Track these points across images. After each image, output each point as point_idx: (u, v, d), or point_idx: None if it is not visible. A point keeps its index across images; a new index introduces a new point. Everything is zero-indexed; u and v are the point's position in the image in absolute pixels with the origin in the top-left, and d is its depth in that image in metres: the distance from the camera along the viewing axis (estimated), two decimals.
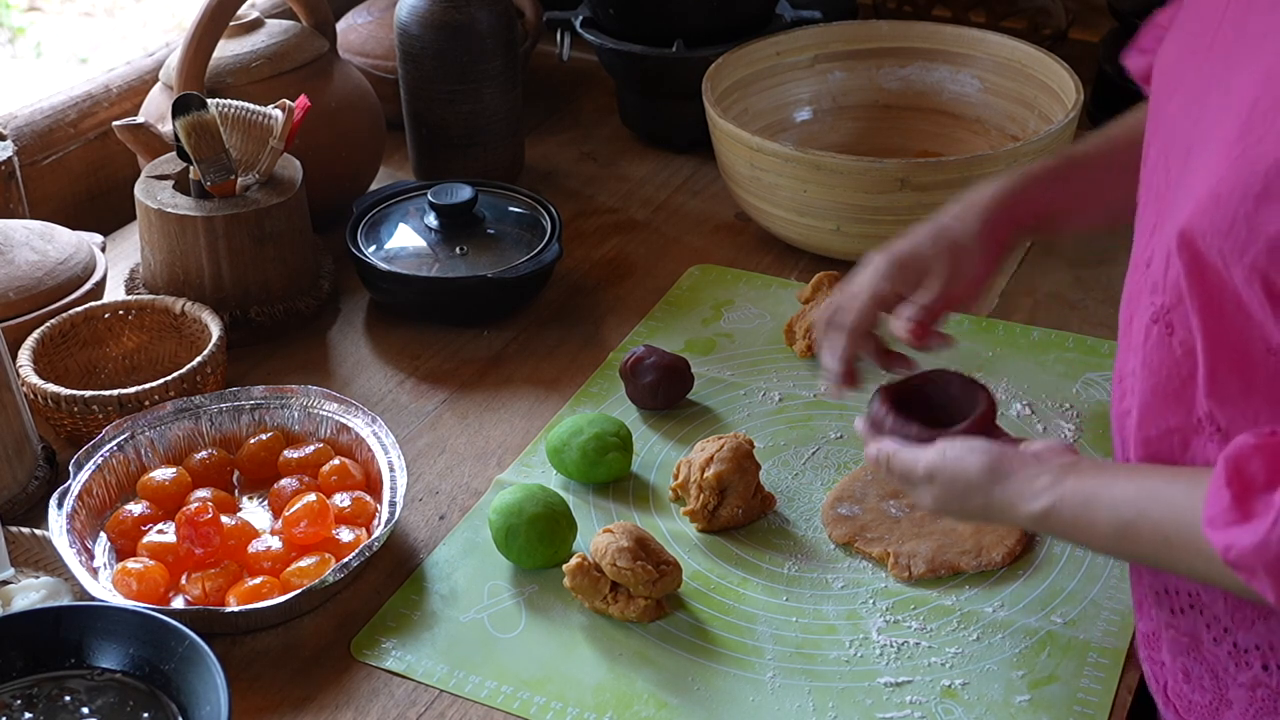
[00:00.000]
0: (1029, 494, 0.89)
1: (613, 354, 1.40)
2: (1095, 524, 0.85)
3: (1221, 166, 0.75)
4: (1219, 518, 0.75)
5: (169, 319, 1.36)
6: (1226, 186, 0.75)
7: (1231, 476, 0.75)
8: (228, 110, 1.39)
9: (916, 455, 0.96)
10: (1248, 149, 0.74)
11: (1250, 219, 0.73)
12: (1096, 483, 0.86)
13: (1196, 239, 0.77)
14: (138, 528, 1.14)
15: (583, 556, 1.09)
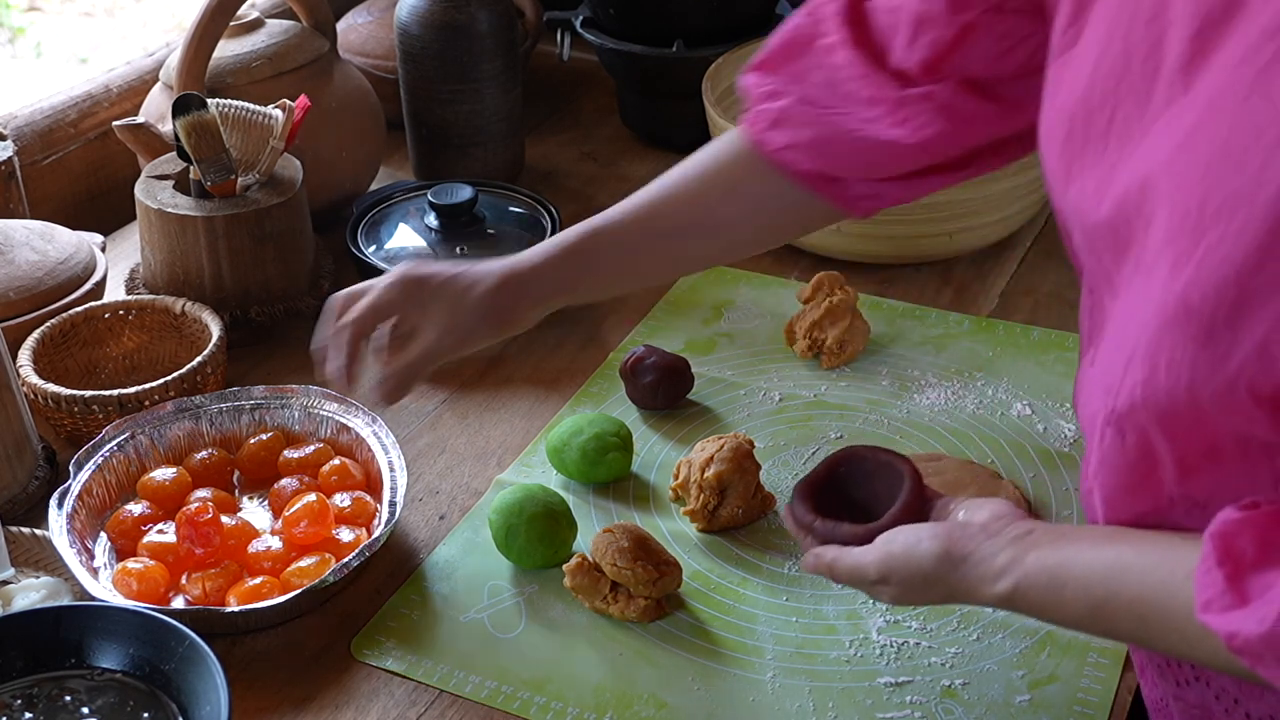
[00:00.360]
0: (990, 575, 0.84)
1: (613, 354, 1.40)
2: (1065, 604, 0.81)
3: (1183, 275, 0.71)
4: (1215, 602, 0.71)
5: (169, 319, 1.36)
6: (1196, 295, 0.70)
7: (1223, 556, 0.71)
8: (228, 110, 1.39)
9: (860, 559, 0.90)
10: (1207, 254, 0.70)
11: (1232, 324, 0.69)
12: (1060, 557, 0.82)
13: (1161, 355, 0.74)
14: (138, 528, 1.14)
15: (583, 556, 1.09)
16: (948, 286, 1.49)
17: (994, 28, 0.95)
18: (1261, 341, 0.68)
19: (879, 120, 0.99)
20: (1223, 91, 0.71)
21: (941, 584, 0.87)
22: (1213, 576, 0.71)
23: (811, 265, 1.51)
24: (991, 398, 1.32)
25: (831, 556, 0.93)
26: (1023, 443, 1.26)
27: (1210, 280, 0.69)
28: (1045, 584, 0.82)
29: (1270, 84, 0.68)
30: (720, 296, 1.48)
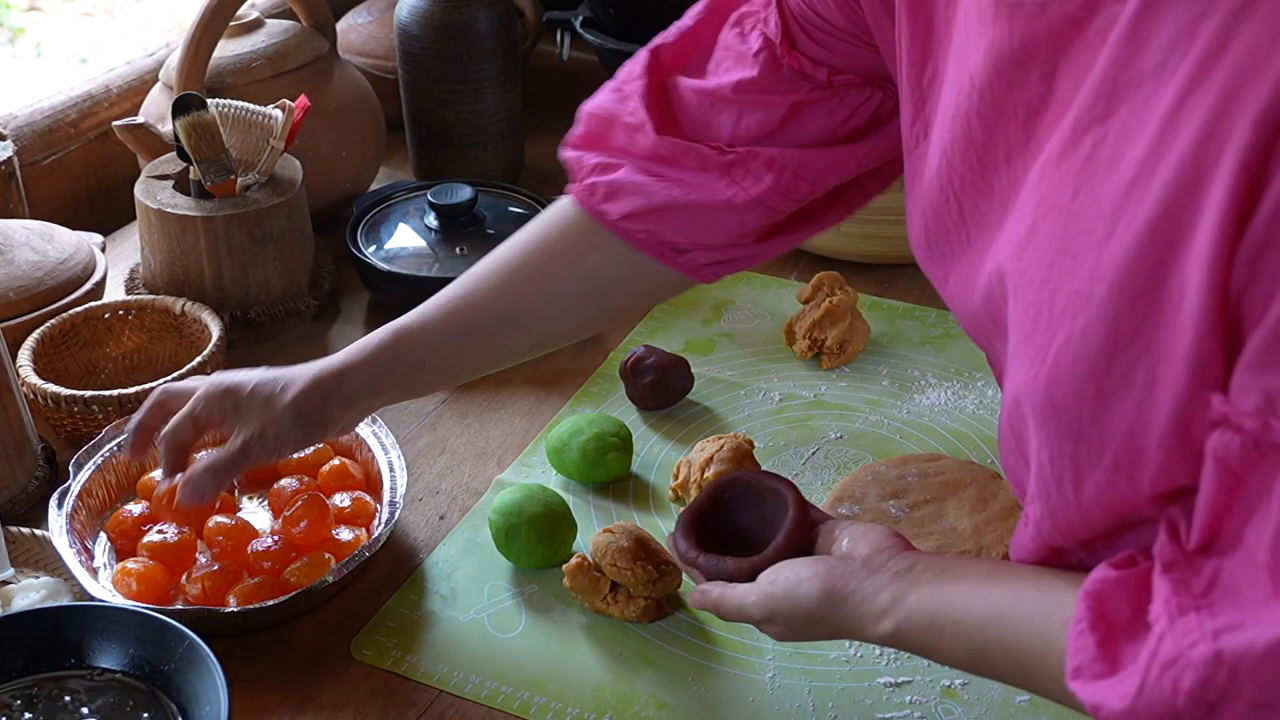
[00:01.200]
0: (872, 615, 0.84)
1: (613, 354, 1.40)
2: (944, 647, 0.82)
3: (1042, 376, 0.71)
4: (1086, 669, 0.70)
5: (169, 319, 1.36)
6: (1060, 395, 0.71)
7: (1095, 619, 0.70)
8: (228, 110, 1.39)
9: (744, 599, 0.89)
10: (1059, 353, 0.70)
11: (1097, 420, 0.69)
12: (940, 598, 0.81)
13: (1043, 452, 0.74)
14: (138, 528, 1.14)
15: (583, 556, 1.09)
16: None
17: (827, 102, 0.95)
18: (1128, 434, 0.69)
19: (709, 185, 0.98)
20: (1053, 187, 0.71)
21: (826, 623, 0.87)
22: (1084, 641, 0.70)
23: (811, 265, 1.51)
24: (992, 398, 1.32)
25: (717, 595, 0.92)
26: None
27: (1067, 381, 0.70)
28: (926, 627, 0.82)
29: (1092, 181, 0.69)
30: (720, 296, 1.48)
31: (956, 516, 1.16)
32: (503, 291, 1.05)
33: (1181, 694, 0.65)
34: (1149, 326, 0.66)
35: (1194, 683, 0.65)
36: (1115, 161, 0.68)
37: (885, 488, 1.19)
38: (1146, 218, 0.66)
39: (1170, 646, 0.66)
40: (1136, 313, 0.67)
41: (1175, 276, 0.65)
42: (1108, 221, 0.68)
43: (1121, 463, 0.70)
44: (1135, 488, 0.70)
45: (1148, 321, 0.66)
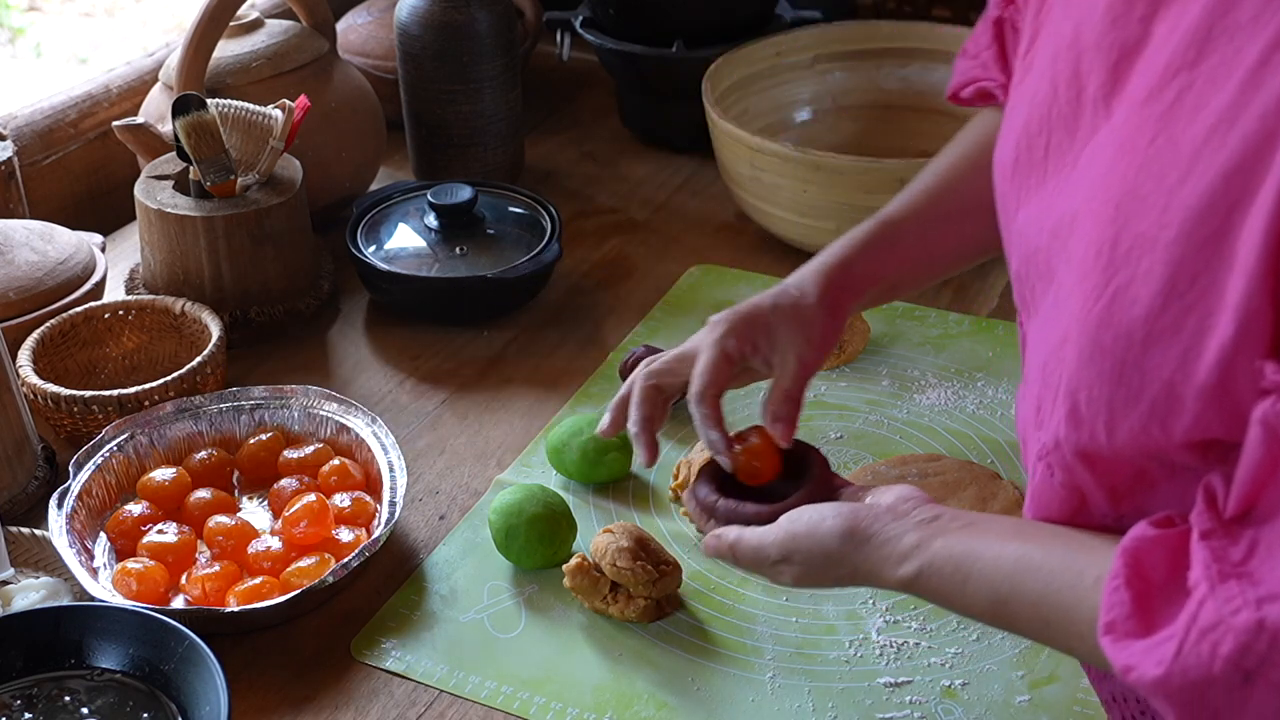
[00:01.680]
0: (894, 557, 0.84)
1: (613, 354, 1.40)
2: (967, 594, 0.81)
3: (1095, 312, 0.72)
4: (1118, 625, 0.70)
5: (169, 319, 1.36)
6: (1108, 335, 0.71)
7: (1132, 576, 0.70)
8: (228, 110, 1.39)
9: (762, 538, 0.90)
10: (1118, 294, 0.70)
11: (1140, 365, 0.70)
12: (967, 546, 0.81)
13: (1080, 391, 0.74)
14: (138, 528, 1.14)
15: (583, 556, 1.09)
16: (947, 286, 1.49)
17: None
18: (1168, 381, 0.69)
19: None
20: (1134, 130, 0.72)
21: (845, 563, 0.86)
22: (1119, 596, 0.70)
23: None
24: (991, 398, 1.32)
25: (733, 537, 0.92)
26: None
27: (1120, 321, 0.70)
28: (950, 573, 0.82)
29: (1172, 127, 0.69)
30: (720, 296, 1.48)
31: None
32: (976, 178, 1.04)
33: (1219, 660, 0.65)
34: (1208, 276, 0.66)
35: (1233, 649, 0.65)
36: (1198, 109, 0.68)
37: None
38: (1221, 167, 0.66)
39: (1211, 612, 0.66)
40: (1198, 261, 0.67)
41: (1241, 229, 0.65)
42: (1183, 167, 0.68)
43: (1158, 409, 0.70)
44: (1168, 435, 0.70)
45: (1208, 270, 0.66)
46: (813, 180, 1.45)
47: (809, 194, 1.46)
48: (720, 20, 1.72)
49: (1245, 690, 0.65)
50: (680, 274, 1.53)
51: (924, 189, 1.06)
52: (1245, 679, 0.65)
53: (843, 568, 0.87)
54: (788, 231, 1.52)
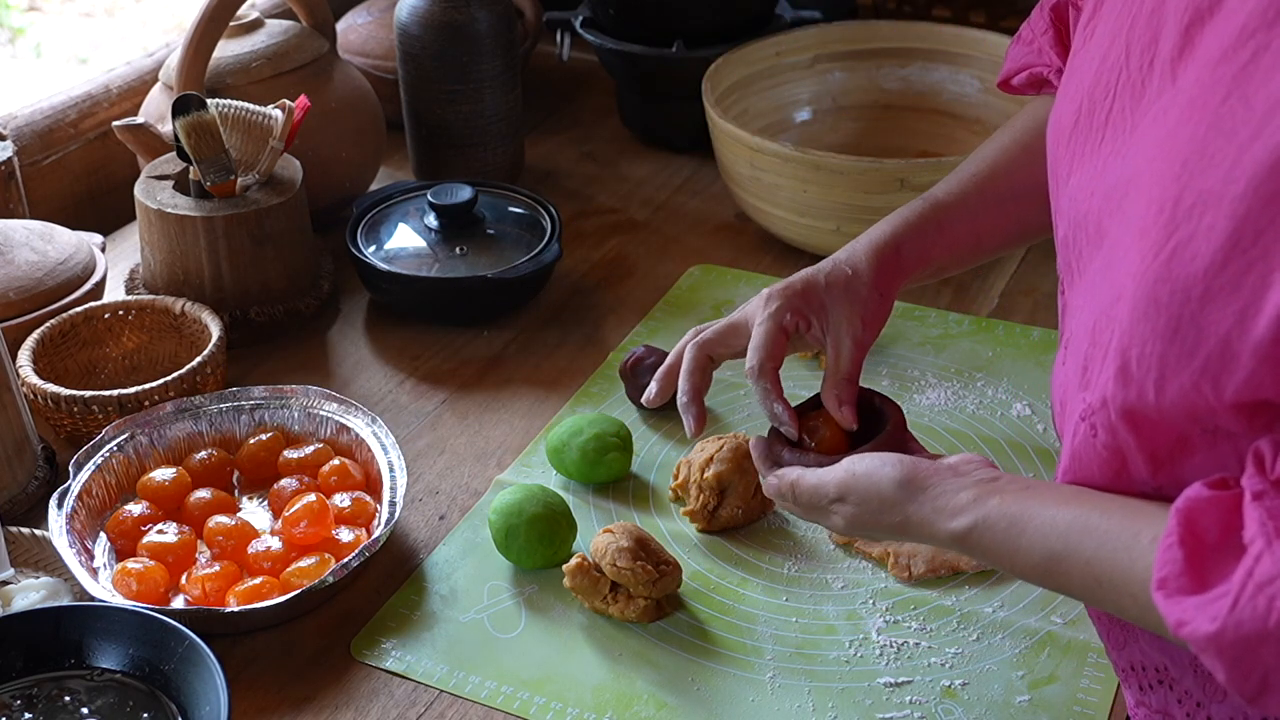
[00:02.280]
0: (950, 510, 0.85)
1: (613, 354, 1.40)
2: (1020, 551, 0.82)
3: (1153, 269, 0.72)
4: (1171, 581, 0.70)
5: (169, 319, 1.36)
6: (1164, 291, 0.71)
7: (1185, 534, 0.70)
8: (228, 110, 1.39)
9: (823, 478, 0.91)
10: (1178, 249, 0.71)
11: (1196, 320, 0.70)
12: (1023, 505, 0.82)
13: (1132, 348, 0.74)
14: (138, 528, 1.14)
15: (583, 556, 1.09)
16: (947, 286, 1.49)
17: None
18: (1224, 338, 0.69)
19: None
20: (1204, 90, 0.72)
21: (898, 510, 0.87)
22: (1173, 554, 0.71)
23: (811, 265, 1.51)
24: (991, 398, 1.32)
25: (795, 476, 0.94)
26: (1022, 443, 1.26)
27: (1179, 276, 0.70)
28: (1004, 528, 0.82)
29: (1246, 86, 0.69)
30: (720, 296, 1.48)
31: None
32: (1028, 163, 1.05)
33: (1276, 612, 0.65)
34: (1272, 233, 0.67)
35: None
36: (1274, 70, 0.68)
37: None
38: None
39: (1269, 566, 0.66)
40: (1264, 217, 0.67)
41: None
42: (1255, 125, 0.68)
43: (1211, 367, 0.70)
44: (1219, 394, 0.70)
45: (1273, 227, 0.67)
46: (813, 180, 1.45)
47: (809, 194, 1.46)
48: (720, 20, 1.72)
49: None
50: (680, 274, 1.53)
51: (974, 173, 1.07)
52: None
53: (895, 515, 0.88)
54: (788, 231, 1.52)
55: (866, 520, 0.90)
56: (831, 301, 1.02)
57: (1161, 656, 0.86)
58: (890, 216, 1.06)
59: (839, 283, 1.02)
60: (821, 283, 1.02)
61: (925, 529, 0.87)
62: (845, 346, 1.02)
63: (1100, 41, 0.85)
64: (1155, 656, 0.87)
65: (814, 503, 0.93)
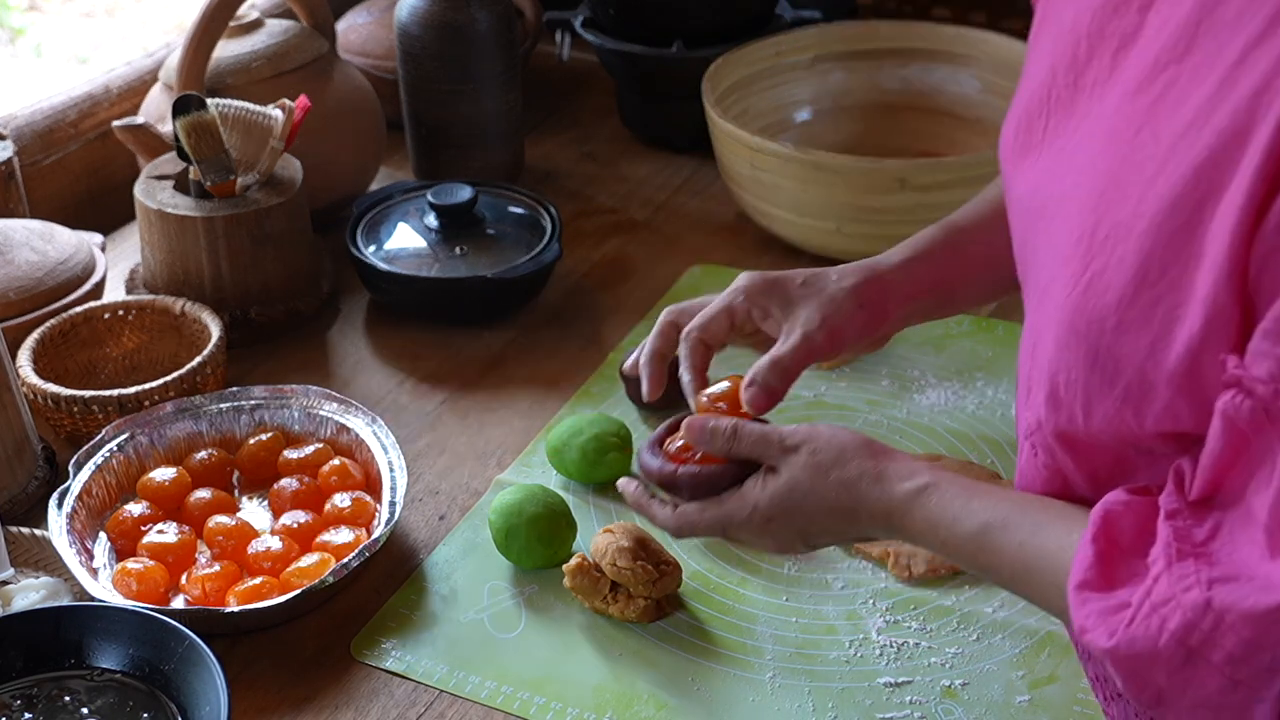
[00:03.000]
0: (905, 473, 0.86)
1: (613, 354, 1.40)
2: (959, 520, 0.82)
3: (1072, 298, 0.73)
4: (1088, 584, 0.72)
5: (169, 319, 1.36)
6: (1081, 321, 0.72)
7: (1098, 534, 0.73)
8: (228, 110, 1.39)
9: (781, 429, 0.91)
10: (1093, 280, 0.72)
11: (1112, 351, 0.71)
12: (973, 485, 0.84)
13: (1059, 374, 0.75)
14: (138, 528, 1.14)
15: (583, 556, 1.09)
16: None
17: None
18: (1139, 368, 0.70)
19: None
20: (1123, 120, 0.73)
21: (854, 464, 0.87)
22: (1086, 551, 0.72)
23: (811, 265, 1.50)
24: (991, 398, 1.32)
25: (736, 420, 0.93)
26: None
27: (1094, 308, 0.71)
28: (951, 496, 0.83)
29: (1155, 120, 0.70)
30: None
31: None
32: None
33: (1165, 634, 0.67)
34: (1177, 268, 0.68)
35: (1179, 625, 0.67)
36: (1180, 104, 0.69)
37: None
38: (1194, 161, 0.67)
39: (1164, 588, 0.68)
40: (1168, 252, 0.68)
41: (1209, 224, 0.66)
42: (1160, 160, 0.69)
43: (1131, 395, 0.71)
44: (1141, 422, 0.72)
45: (1176, 263, 0.68)
46: (813, 180, 1.45)
47: (809, 194, 1.45)
48: (720, 20, 1.72)
49: (1187, 669, 0.67)
50: (680, 274, 1.53)
51: (994, 196, 1.05)
52: (1188, 657, 0.67)
53: (850, 468, 0.87)
54: (788, 231, 1.52)
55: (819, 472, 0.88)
56: (801, 298, 1.00)
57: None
58: (906, 240, 1.04)
59: (816, 283, 1.01)
60: (798, 279, 1.01)
61: (876, 486, 0.87)
62: (793, 338, 0.99)
63: (1041, 55, 0.85)
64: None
65: (761, 450, 0.91)
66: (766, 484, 0.91)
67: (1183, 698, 0.68)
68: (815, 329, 0.98)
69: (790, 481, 0.90)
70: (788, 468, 0.90)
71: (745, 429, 0.92)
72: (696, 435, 0.94)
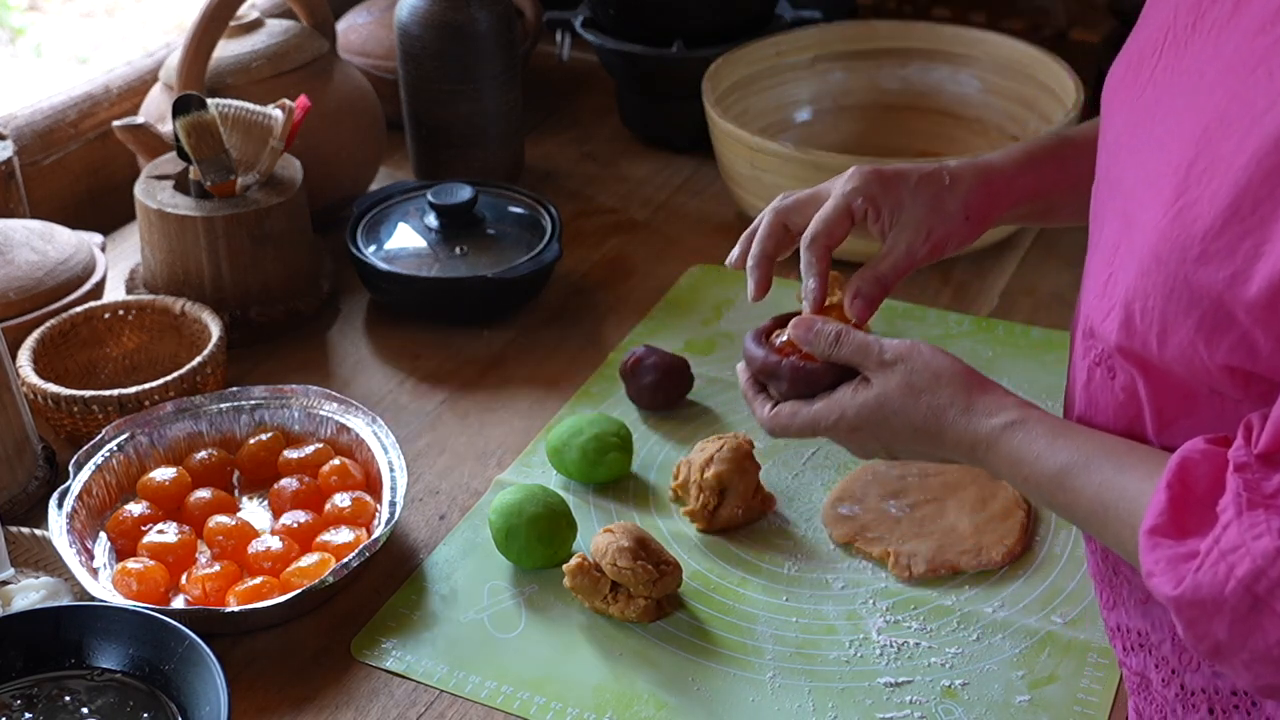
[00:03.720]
0: (995, 408, 0.86)
1: (613, 354, 1.40)
2: (1042, 458, 0.83)
3: (1159, 226, 0.74)
4: (1156, 528, 0.72)
5: (169, 319, 1.36)
6: (1166, 249, 0.73)
7: (1173, 480, 0.73)
8: (228, 110, 1.39)
9: (881, 340, 0.91)
10: (1183, 210, 0.72)
11: (1190, 281, 0.72)
12: (1061, 424, 0.84)
13: (1135, 301, 0.76)
14: (138, 528, 1.14)
15: (583, 556, 1.09)
16: (948, 286, 1.49)
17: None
18: (1217, 299, 0.71)
19: None
20: (1240, 58, 0.73)
21: (946, 391, 0.88)
22: (1160, 496, 0.73)
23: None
24: None
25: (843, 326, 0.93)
26: None
27: (1180, 237, 0.72)
28: (1037, 434, 0.84)
29: (1274, 58, 0.70)
30: (720, 296, 1.48)
31: (956, 516, 1.16)
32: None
33: (1233, 580, 0.67)
34: (1270, 204, 0.68)
35: (1247, 572, 0.67)
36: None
37: (885, 488, 1.20)
38: None
39: (1234, 535, 0.68)
40: (1264, 188, 0.68)
41: None
42: (1272, 97, 0.69)
43: (1205, 325, 0.72)
44: (1213, 353, 0.72)
45: (1270, 199, 0.68)
46: (813, 180, 1.42)
47: None
48: (720, 20, 1.72)
49: (1252, 617, 0.67)
50: (680, 274, 1.53)
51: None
52: (1254, 605, 0.67)
53: (941, 395, 0.88)
54: None
55: (909, 393, 0.89)
56: (911, 201, 0.98)
57: (1143, 622, 0.88)
58: (1017, 145, 1.04)
59: (929, 187, 0.99)
60: (911, 179, 0.99)
61: (963, 417, 0.87)
62: (898, 248, 0.98)
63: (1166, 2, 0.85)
64: (1138, 621, 0.89)
65: (861, 359, 0.91)
66: (858, 394, 0.91)
67: (1243, 649, 0.69)
68: (920, 242, 0.98)
69: (880, 397, 0.90)
70: (881, 382, 0.90)
71: (849, 336, 0.92)
72: (803, 334, 0.94)
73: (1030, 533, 1.15)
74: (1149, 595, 0.84)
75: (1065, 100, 1.53)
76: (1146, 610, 0.87)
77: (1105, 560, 0.91)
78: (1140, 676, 0.90)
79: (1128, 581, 0.89)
